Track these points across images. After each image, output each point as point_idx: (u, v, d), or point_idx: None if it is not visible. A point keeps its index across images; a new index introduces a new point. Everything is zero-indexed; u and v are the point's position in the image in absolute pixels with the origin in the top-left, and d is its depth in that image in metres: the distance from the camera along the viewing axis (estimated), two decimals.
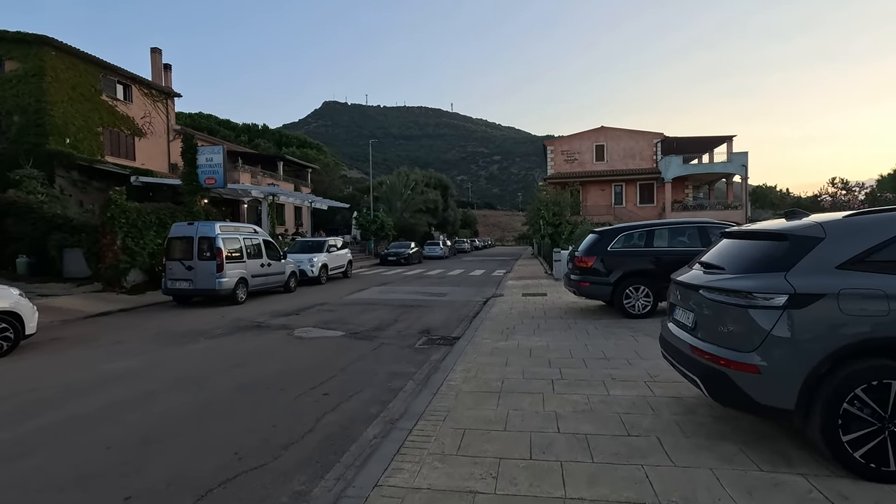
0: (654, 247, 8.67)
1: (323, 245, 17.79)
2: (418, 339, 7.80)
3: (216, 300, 11.76)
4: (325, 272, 17.21)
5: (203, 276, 11.27)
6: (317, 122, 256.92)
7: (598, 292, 8.80)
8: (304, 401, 4.80)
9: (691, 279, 3.77)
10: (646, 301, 8.46)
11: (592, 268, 8.74)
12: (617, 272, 8.54)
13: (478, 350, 6.52)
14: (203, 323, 9.40)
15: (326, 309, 11.10)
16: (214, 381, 5.51)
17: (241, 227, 12.95)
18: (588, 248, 8.95)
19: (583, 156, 37.63)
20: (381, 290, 14.84)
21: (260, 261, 12.84)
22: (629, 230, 8.94)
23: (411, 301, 12.32)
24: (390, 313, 10.39)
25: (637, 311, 8.47)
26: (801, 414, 2.90)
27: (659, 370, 5.24)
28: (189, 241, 11.42)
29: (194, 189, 15.14)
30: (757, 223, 3.87)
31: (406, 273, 22.10)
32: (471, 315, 10.01)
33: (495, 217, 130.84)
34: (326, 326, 8.87)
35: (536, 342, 6.89)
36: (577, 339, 7.05)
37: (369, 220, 33.41)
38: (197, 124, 42.85)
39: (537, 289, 13.90)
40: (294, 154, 44.23)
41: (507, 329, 7.92)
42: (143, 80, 26.36)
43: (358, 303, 12.12)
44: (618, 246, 8.76)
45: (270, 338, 7.95)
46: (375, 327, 8.79)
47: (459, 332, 8.21)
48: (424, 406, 4.37)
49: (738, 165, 32.56)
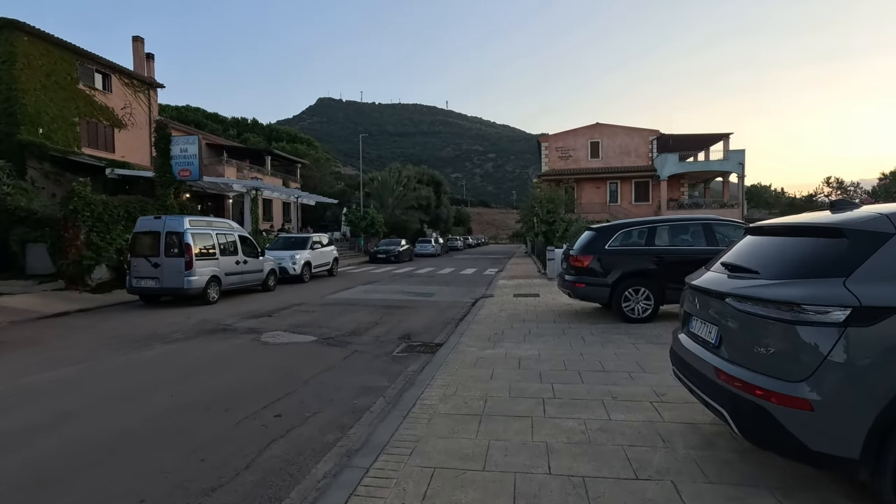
0: (655, 245, 7.98)
1: (306, 242, 16.99)
2: (397, 345, 7.07)
3: (186, 300, 10.97)
4: (309, 270, 16.43)
5: (170, 273, 10.46)
6: (311, 118, 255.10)
7: (595, 294, 8.11)
8: (249, 425, 4.05)
9: (713, 284, 3.07)
10: (646, 304, 7.77)
11: (588, 268, 8.03)
12: (615, 273, 7.84)
13: (461, 360, 5.80)
14: (165, 325, 8.62)
15: (303, 310, 10.34)
16: (150, 398, 4.75)
17: (215, 221, 12.14)
18: (584, 247, 8.24)
19: (578, 152, 36.99)
20: (365, 290, 14.09)
21: (235, 258, 12.04)
22: (628, 227, 8.24)
23: (396, 301, 11.59)
24: (371, 315, 9.66)
25: (637, 316, 7.78)
26: (868, 466, 2.20)
27: (666, 387, 4.55)
28: (156, 236, 10.60)
29: (168, 181, 14.29)
30: (793, 217, 3.17)
31: (395, 271, 21.35)
32: (457, 318, 9.29)
33: (490, 215, 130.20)
34: (298, 330, 8.11)
35: (527, 350, 6.18)
36: (572, 347, 6.34)
37: (359, 216, 32.58)
38: (184, 117, 41.75)
39: (530, 289, 13.21)
40: (284, 149, 43.26)
41: (495, 335, 7.21)
42: (123, 70, 25.37)
43: (338, 303, 11.37)
44: (616, 244, 8.06)
45: (234, 343, 7.19)
46: (352, 331, 8.05)
47: (443, 337, 7.49)
48: (390, 434, 3.64)
49: (734, 163, 32.04)
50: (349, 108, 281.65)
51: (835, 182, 46.44)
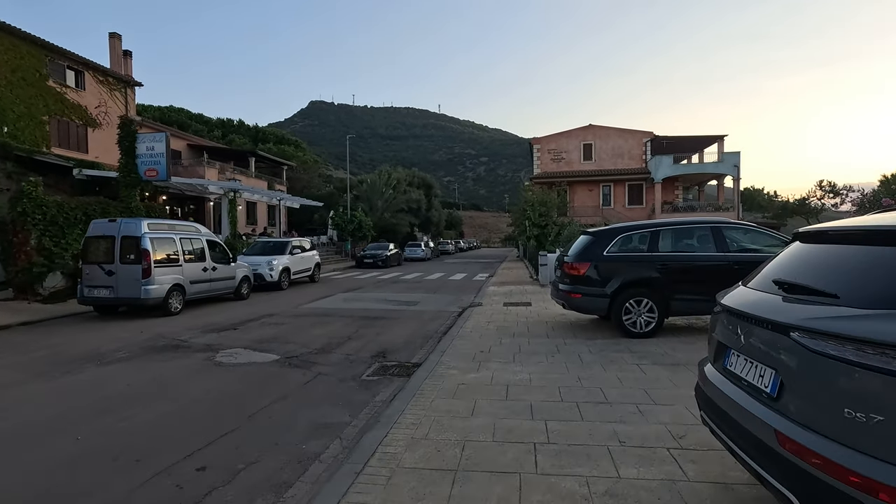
0: (658, 251, 7.18)
1: (285, 246, 16.06)
2: (369, 365, 6.20)
3: (145, 311, 10.02)
4: (287, 276, 15.49)
5: (126, 282, 9.51)
6: (303, 121, 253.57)
7: (592, 306, 7.30)
8: (158, 486, 3.17)
9: (765, 310, 2.25)
10: (649, 317, 6.98)
11: (585, 276, 7.22)
12: (615, 282, 7.04)
13: (439, 387, 4.95)
14: (111, 341, 7.67)
15: (273, 322, 9.43)
16: (50, 442, 3.85)
17: (179, 224, 11.20)
18: (580, 253, 7.43)
19: (570, 155, 36.36)
20: (346, 298, 13.19)
21: (202, 264, 11.11)
22: (629, 231, 7.44)
23: (376, 311, 10.71)
24: (346, 328, 8.77)
25: (639, 330, 6.98)
26: None
27: (683, 425, 3.74)
28: (110, 241, 9.65)
29: (133, 182, 13.30)
30: (880, 217, 2.36)
31: (381, 277, 20.45)
32: (441, 331, 8.43)
33: (482, 218, 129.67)
34: (261, 347, 7.21)
35: (516, 374, 5.35)
36: (568, 368, 5.52)
37: (346, 219, 31.62)
38: (167, 118, 40.60)
39: (521, 297, 12.39)
40: (271, 151, 42.21)
41: (481, 353, 6.37)
42: (98, 67, 24.29)
43: (314, 313, 10.47)
44: (615, 250, 7.26)
45: (182, 364, 6.28)
46: (321, 348, 7.17)
47: (422, 355, 6.63)
48: (336, 501, 2.79)
49: (729, 166, 31.55)
50: (341, 111, 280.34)
51: (827, 185, 46.25)
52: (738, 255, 6.99)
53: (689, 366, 5.48)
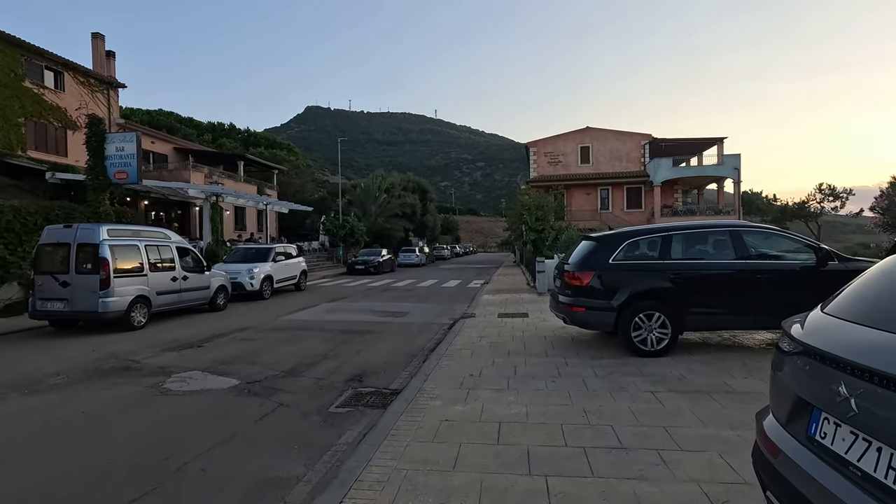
0: (671, 258, 6.37)
1: (268, 253, 15.19)
2: (340, 393, 5.36)
3: (105, 325, 9.14)
4: (270, 285, 14.62)
5: (82, 294, 8.64)
6: (299, 126, 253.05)
7: (597, 321, 6.46)
8: None
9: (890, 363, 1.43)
10: (661, 333, 6.16)
11: (588, 287, 6.40)
12: (622, 294, 6.22)
13: (417, 424, 4.11)
14: (54, 363, 6.79)
15: (244, 337, 8.57)
16: None
17: (145, 231, 10.32)
18: (582, 261, 6.60)
19: (567, 158, 35.67)
20: (330, 308, 12.33)
21: (171, 274, 10.24)
22: (637, 236, 6.63)
23: (359, 324, 9.86)
24: (324, 344, 7.92)
25: (650, 348, 6.16)
26: None
27: (722, 483, 2.91)
28: (65, 248, 8.78)
29: (101, 185, 12.45)
30: None
31: (371, 284, 19.59)
32: (428, 348, 7.59)
33: (478, 223, 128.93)
34: (222, 369, 6.35)
35: (510, 406, 4.51)
36: (572, 398, 4.68)
37: (337, 224, 30.75)
38: (155, 121, 39.72)
39: (517, 306, 11.55)
40: (262, 155, 41.36)
41: (471, 377, 5.53)
42: (78, 67, 23.48)
43: (291, 327, 9.61)
44: (622, 257, 6.45)
45: (122, 393, 5.41)
46: (290, 370, 6.31)
47: (403, 380, 5.78)
48: None
49: (730, 168, 30.88)
50: (337, 116, 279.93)
51: (827, 188, 45.70)
52: (761, 263, 6.19)
53: (713, 394, 4.66)
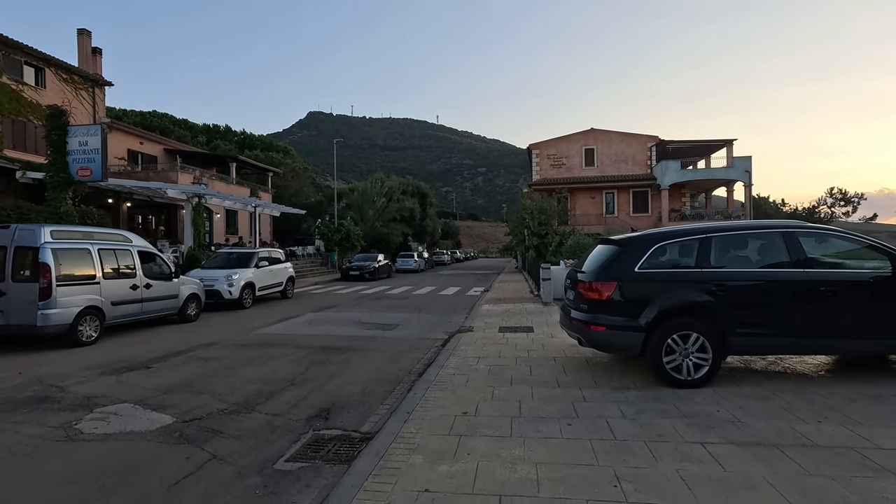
0: (711, 266, 5.19)
1: (250, 258, 14.03)
2: (296, 438, 4.18)
3: (47, 340, 7.98)
4: (251, 293, 13.46)
5: (19, 305, 7.49)
6: (301, 132, 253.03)
7: (621, 342, 5.28)
8: None
9: None
10: (700, 358, 4.98)
11: (610, 301, 5.22)
12: (652, 309, 5.04)
13: (388, 498, 2.94)
14: None
15: (205, 356, 7.40)
16: None
17: (99, 233, 9.16)
18: (602, 269, 5.42)
19: (571, 160, 34.54)
20: (313, 319, 11.16)
21: (130, 281, 9.10)
22: (668, 238, 5.45)
23: (341, 339, 8.69)
24: (293, 365, 6.75)
25: (685, 376, 4.98)
26: None
27: None
28: (1, 252, 7.65)
29: (62, 182, 11.35)
30: None
31: (365, 292, 18.41)
32: (416, 370, 6.42)
33: (479, 228, 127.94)
34: (159, 401, 5.18)
35: (514, 465, 3.34)
36: (596, 454, 3.50)
37: (332, 228, 29.59)
38: (148, 123, 38.74)
39: (520, 319, 10.37)
40: (258, 157, 40.32)
41: (464, 415, 4.36)
42: (61, 64, 22.50)
43: (263, 342, 8.45)
44: (651, 265, 5.27)
45: (18, 437, 4.24)
46: (243, 402, 5.14)
47: (379, 418, 4.61)
48: None
49: (740, 171, 29.71)
50: (339, 121, 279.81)
51: (838, 193, 44.49)
52: (824, 273, 5.01)
53: (785, 448, 3.49)
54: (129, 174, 24.26)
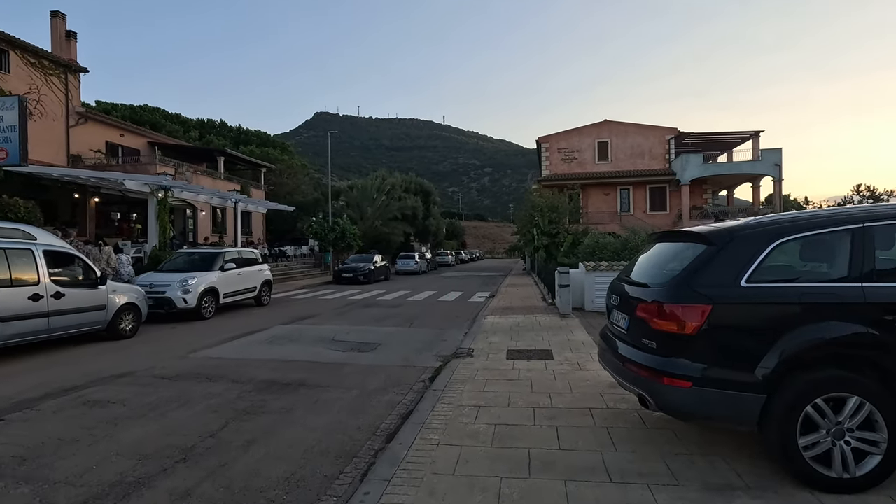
0: (877, 279, 3.00)
1: (214, 260, 11.96)
2: None
3: None
4: (213, 301, 11.39)
5: None
6: (308, 132, 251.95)
7: (720, 409, 3.08)
8: None
9: None
10: (866, 440, 2.81)
11: (700, 336, 3.05)
12: (776, 352, 2.88)
13: None
14: None
15: (98, 398, 5.31)
16: None
17: None
18: (682, 281, 3.24)
19: (583, 154, 32.26)
20: (276, 336, 9.04)
21: (30, 290, 7.05)
22: (798, 231, 3.23)
23: (297, 369, 6.56)
24: (207, 418, 4.63)
25: (843, 473, 2.81)
26: None
27: None
28: None
29: None
30: None
31: (355, 297, 16.31)
32: (384, 432, 4.27)
33: (486, 228, 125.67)
34: None
35: None
36: None
37: (326, 227, 27.53)
38: (139, 117, 36.95)
39: (534, 337, 8.20)
40: (254, 153, 38.39)
41: None
42: (27, 47, 20.60)
43: (192, 373, 6.34)
44: (768, 274, 3.09)
45: None
46: None
47: None
48: None
49: (769, 165, 27.31)
50: (346, 122, 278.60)
51: (866, 190, 41.88)
52: None
53: None
54: (103, 167, 22.39)
